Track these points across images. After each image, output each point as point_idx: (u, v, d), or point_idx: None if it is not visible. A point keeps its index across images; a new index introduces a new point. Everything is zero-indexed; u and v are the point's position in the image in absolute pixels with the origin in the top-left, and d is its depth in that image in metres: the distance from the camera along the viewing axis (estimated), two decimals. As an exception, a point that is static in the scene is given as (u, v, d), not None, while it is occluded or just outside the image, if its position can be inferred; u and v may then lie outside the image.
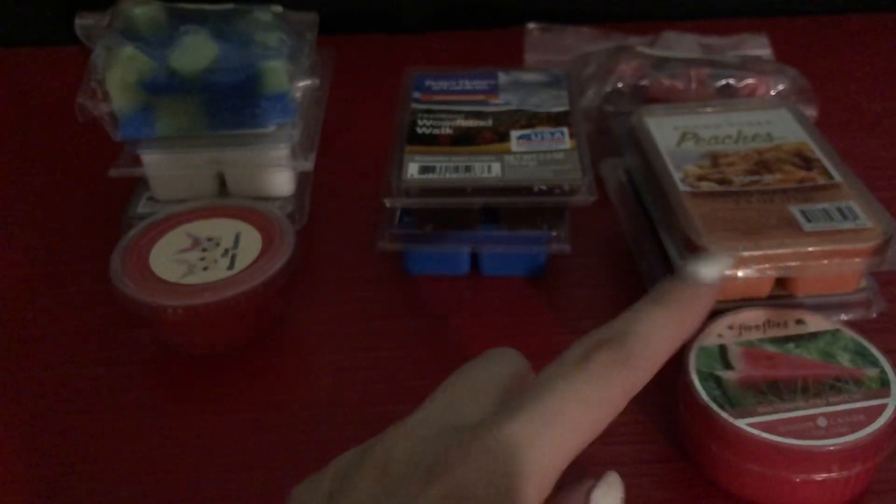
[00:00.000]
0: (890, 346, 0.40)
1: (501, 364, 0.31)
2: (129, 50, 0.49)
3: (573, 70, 0.59)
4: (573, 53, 0.66)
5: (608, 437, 0.41)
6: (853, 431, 0.36)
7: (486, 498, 0.25)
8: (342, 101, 0.64)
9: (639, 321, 0.29)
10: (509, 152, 0.49)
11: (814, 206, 0.44)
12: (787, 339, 0.41)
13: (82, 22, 0.54)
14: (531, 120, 0.52)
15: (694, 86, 0.57)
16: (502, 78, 0.57)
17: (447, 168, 0.48)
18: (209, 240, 0.48)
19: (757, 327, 0.42)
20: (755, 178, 0.46)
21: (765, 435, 0.36)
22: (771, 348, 0.40)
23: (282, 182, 0.53)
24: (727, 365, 0.39)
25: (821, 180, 0.46)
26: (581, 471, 0.28)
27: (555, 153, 0.49)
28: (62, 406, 0.44)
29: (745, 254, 0.42)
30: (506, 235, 0.49)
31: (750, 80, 0.57)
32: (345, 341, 0.48)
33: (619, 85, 0.57)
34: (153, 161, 0.52)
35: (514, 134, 0.51)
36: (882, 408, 0.37)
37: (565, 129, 0.51)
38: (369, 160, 0.58)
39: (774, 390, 0.38)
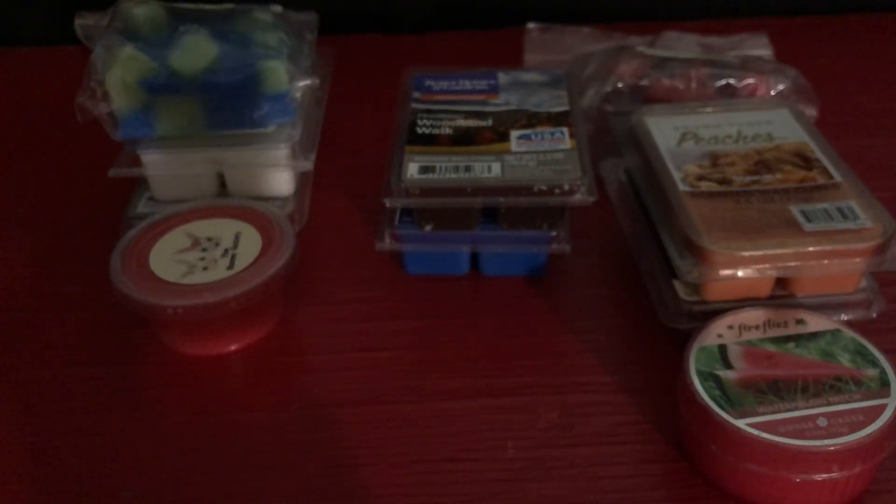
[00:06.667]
0: (890, 346, 0.40)
1: None
2: (129, 50, 0.49)
3: (573, 70, 0.59)
4: (573, 53, 0.66)
5: (608, 436, 0.42)
6: (853, 431, 0.36)
7: None
8: (342, 101, 0.64)
9: None
10: (509, 152, 0.49)
11: (814, 206, 0.44)
12: (787, 338, 0.41)
13: (82, 22, 0.54)
14: (531, 120, 0.52)
15: (694, 86, 0.57)
16: (502, 78, 0.57)
17: (447, 168, 0.48)
18: (209, 240, 0.48)
19: (757, 327, 0.42)
20: (755, 178, 0.46)
21: (765, 435, 0.36)
22: (771, 348, 0.40)
23: (282, 182, 0.53)
24: (727, 365, 0.39)
25: (821, 180, 0.46)
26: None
27: (555, 153, 0.49)
28: (62, 406, 0.44)
29: (745, 254, 0.42)
30: (506, 235, 0.49)
31: (750, 80, 0.57)
32: (345, 341, 0.48)
33: (619, 85, 0.57)
34: (153, 161, 0.52)
35: (514, 134, 0.51)
36: (882, 408, 0.37)
37: (565, 129, 0.51)
38: (369, 160, 0.58)
39: (774, 390, 0.38)
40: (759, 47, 0.69)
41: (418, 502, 0.39)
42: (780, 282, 0.44)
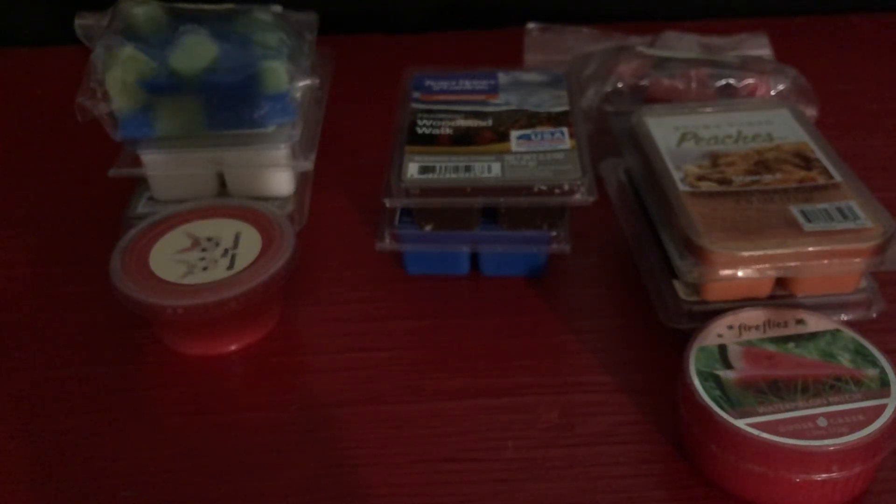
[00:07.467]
0: (890, 346, 0.40)
1: None
2: (128, 50, 0.49)
3: (573, 70, 0.59)
4: (573, 53, 0.66)
5: (608, 436, 0.42)
6: (853, 431, 0.36)
7: None
8: (342, 101, 0.64)
9: None
10: (509, 152, 0.49)
11: (814, 206, 0.44)
12: (787, 338, 0.41)
13: (82, 22, 0.54)
14: (531, 120, 0.52)
15: (694, 86, 0.57)
16: (502, 78, 0.57)
17: (447, 168, 0.48)
18: (209, 240, 0.48)
19: (757, 327, 0.42)
20: (755, 178, 0.47)
21: (765, 435, 0.36)
22: (771, 348, 0.40)
23: (282, 182, 0.53)
24: (727, 365, 0.39)
25: (821, 180, 0.46)
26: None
27: (555, 153, 0.49)
28: (62, 406, 0.44)
29: (745, 254, 0.42)
30: (506, 235, 0.49)
31: (750, 80, 0.57)
32: (345, 341, 0.48)
33: (619, 85, 0.57)
34: (153, 161, 0.52)
35: (514, 134, 0.51)
36: (882, 408, 0.37)
37: (565, 129, 0.51)
38: (369, 160, 0.58)
39: (774, 390, 0.38)
40: (759, 47, 0.68)
41: (418, 502, 0.39)
42: (780, 282, 0.44)
